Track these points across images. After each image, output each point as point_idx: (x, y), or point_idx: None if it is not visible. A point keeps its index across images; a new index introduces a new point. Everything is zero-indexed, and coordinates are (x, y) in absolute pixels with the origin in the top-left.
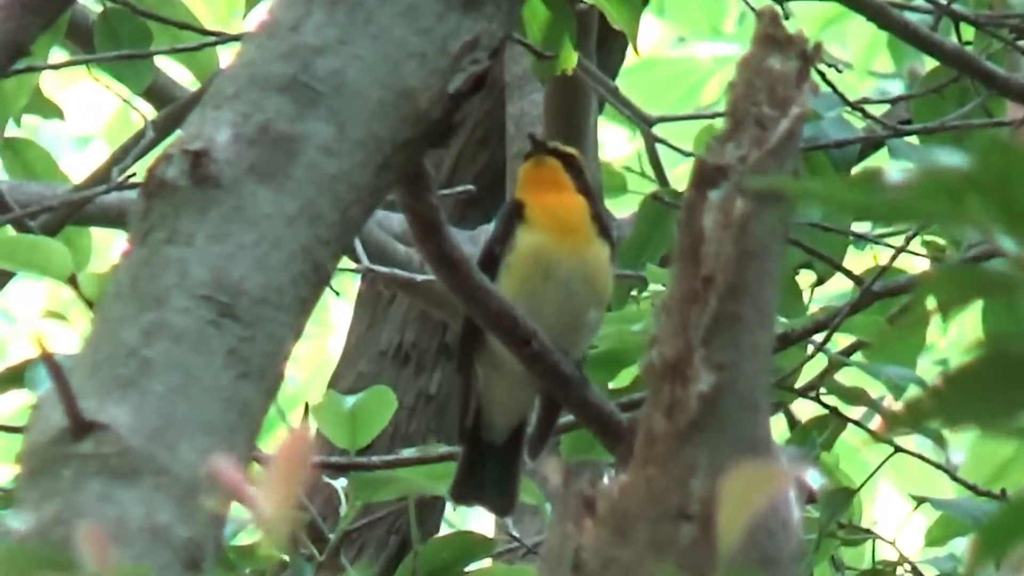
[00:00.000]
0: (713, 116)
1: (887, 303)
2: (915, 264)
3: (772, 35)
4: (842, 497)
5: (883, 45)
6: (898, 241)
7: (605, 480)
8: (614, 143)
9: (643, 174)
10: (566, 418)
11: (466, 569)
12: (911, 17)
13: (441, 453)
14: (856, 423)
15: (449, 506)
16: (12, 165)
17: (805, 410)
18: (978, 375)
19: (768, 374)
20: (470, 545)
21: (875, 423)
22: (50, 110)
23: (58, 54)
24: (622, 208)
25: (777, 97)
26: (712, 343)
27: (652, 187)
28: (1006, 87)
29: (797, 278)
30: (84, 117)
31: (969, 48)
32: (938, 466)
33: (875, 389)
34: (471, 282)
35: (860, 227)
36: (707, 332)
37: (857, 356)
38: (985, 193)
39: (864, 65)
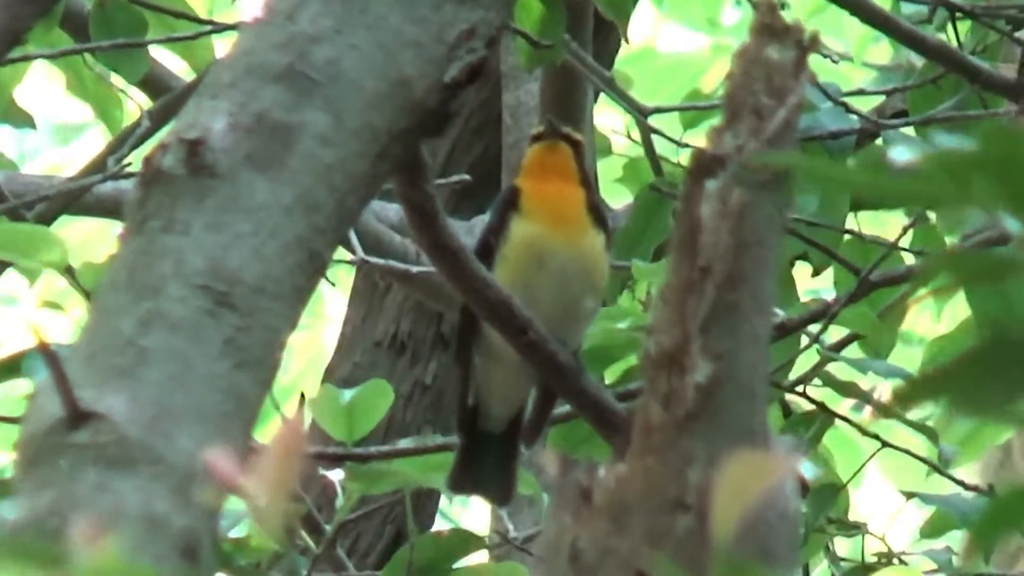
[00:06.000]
0: (709, 107)
1: (876, 297)
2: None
3: (770, 24)
4: (829, 492)
5: (878, 35)
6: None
7: (602, 470)
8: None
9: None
10: (563, 408)
11: (456, 565)
12: (906, 7)
13: (439, 444)
14: (844, 419)
15: (445, 497)
16: None
17: (800, 400)
18: (977, 360)
19: (766, 364)
20: (462, 541)
21: (865, 414)
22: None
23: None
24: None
25: (774, 87)
26: (710, 333)
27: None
28: (990, 82)
29: (791, 270)
30: (77, 106)
31: (965, 39)
32: (927, 462)
33: (865, 381)
34: (468, 271)
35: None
36: (705, 322)
37: (849, 350)
38: (991, 176)
39: (859, 55)
